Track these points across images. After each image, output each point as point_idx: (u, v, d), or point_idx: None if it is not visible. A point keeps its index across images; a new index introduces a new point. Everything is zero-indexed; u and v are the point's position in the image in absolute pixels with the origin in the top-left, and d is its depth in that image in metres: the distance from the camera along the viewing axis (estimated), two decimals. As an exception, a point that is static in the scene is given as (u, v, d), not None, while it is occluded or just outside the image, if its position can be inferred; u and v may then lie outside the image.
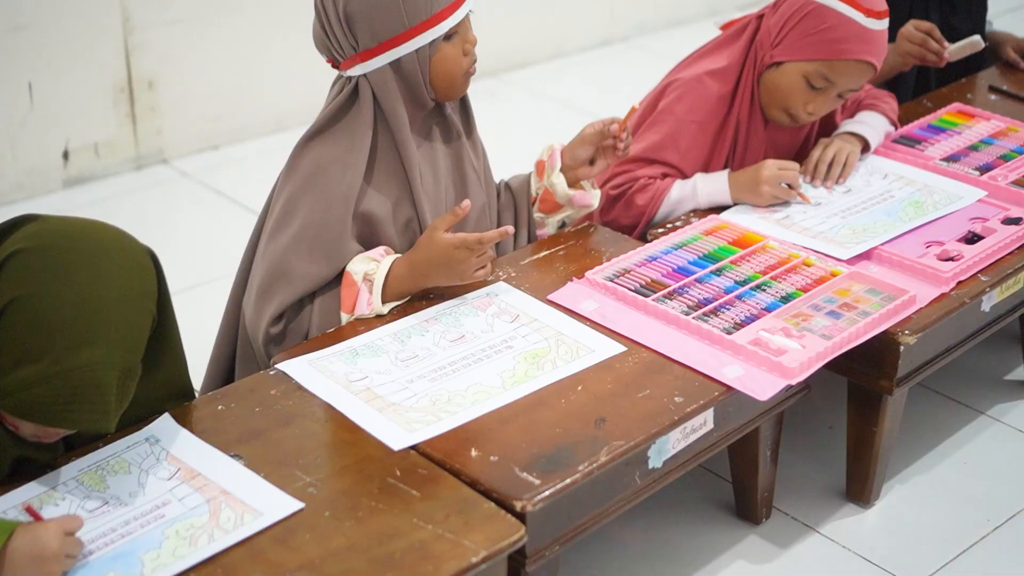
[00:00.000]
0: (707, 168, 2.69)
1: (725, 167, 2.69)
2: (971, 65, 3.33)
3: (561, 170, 2.43)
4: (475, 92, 2.38)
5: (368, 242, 2.24)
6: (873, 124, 2.81)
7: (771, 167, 2.59)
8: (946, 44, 3.07)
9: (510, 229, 2.21)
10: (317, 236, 2.20)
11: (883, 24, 2.58)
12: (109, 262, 1.74)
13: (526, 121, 4.41)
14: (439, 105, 2.31)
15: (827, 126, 2.82)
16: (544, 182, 2.45)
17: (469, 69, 2.26)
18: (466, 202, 2.17)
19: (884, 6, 2.59)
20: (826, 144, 2.73)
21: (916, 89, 3.26)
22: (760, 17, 2.69)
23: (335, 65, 2.26)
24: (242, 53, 4.18)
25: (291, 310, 2.22)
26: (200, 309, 3.19)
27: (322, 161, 2.22)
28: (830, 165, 2.70)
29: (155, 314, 1.83)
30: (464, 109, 2.38)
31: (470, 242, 2.17)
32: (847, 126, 2.79)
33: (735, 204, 2.62)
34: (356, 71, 2.22)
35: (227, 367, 2.37)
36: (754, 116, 2.69)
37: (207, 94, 4.15)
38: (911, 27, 3.08)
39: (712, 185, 2.62)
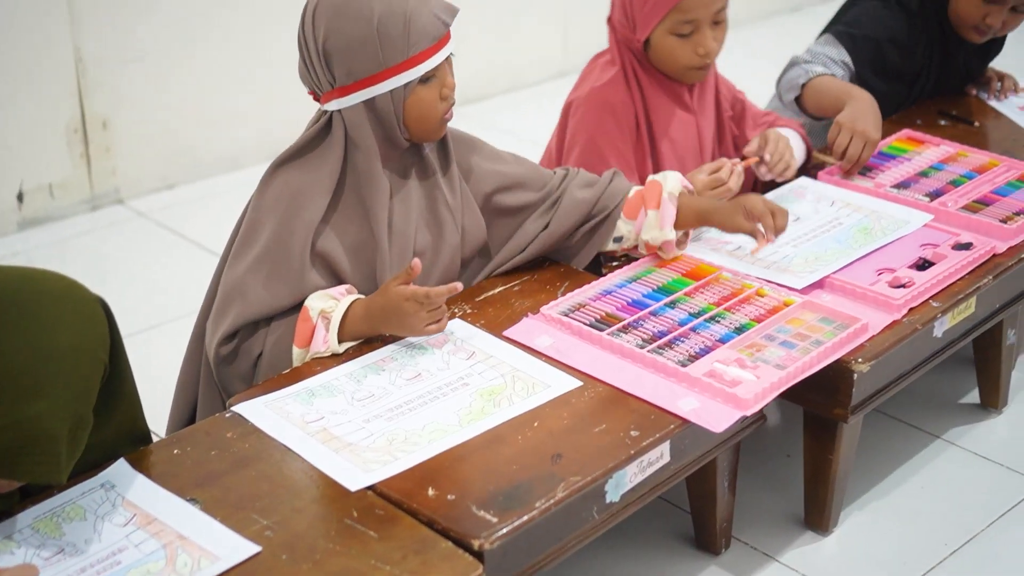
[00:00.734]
0: (638, 167, 2.74)
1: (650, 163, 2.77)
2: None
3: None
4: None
5: (326, 274, 2.25)
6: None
7: (704, 176, 2.66)
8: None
9: (458, 286, 2.20)
10: (276, 261, 2.21)
11: None
12: (58, 312, 1.73)
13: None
14: (416, 144, 2.32)
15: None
16: (642, 235, 2.47)
17: (445, 114, 2.27)
18: (416, 260, 2.16)
19: None
20: (768, 137, 2.82)
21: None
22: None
23: (316, 98, 2.28)
24: (197, 91, 4.17)
25: (244, 331, 2.22)
26: (158, 349, 3.20)
27: (289, 188, 2.24)
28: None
29: (106, 363, 1.82)
30: (443, 148, 2.38)
31: (419, 296, 2.17)
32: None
33: None
34: (332, 106, 2.23)
35: (192, 404, 2.37)
36: (655, 112, 2.76)
37: (162, 133, 4.14)
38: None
39: None
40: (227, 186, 4.19)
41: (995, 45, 3.38)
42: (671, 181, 2.47)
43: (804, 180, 2.89)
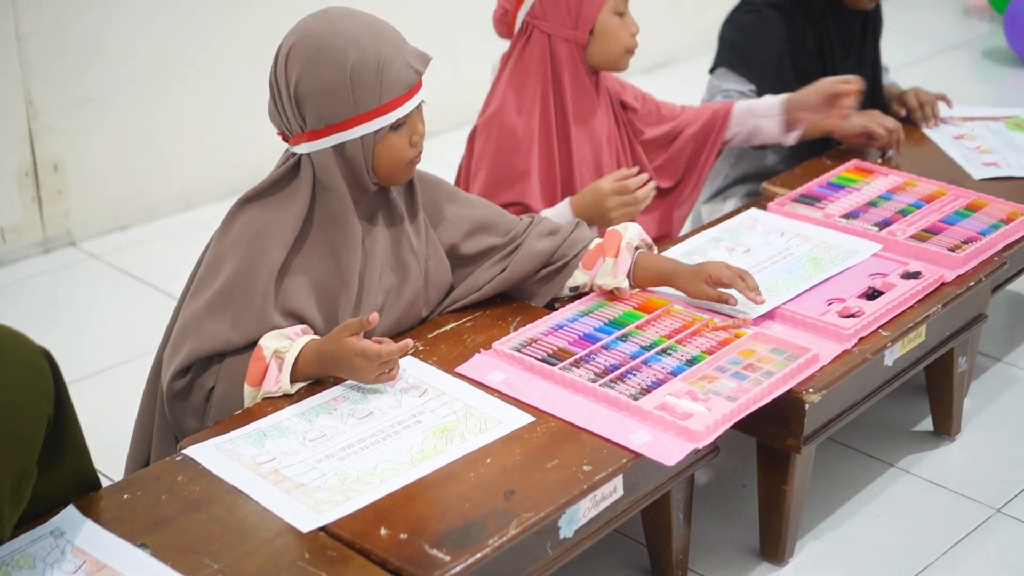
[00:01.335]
0: (563, 184, 2.81)
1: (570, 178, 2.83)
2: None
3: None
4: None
5: (286, 314, 2.24)
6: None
7: (607, 183, 2.69)
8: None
9: (410, 343, 2.21)
10: (235, 299, 2.20)
11: None
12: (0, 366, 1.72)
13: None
14: (383, 188, 2.32)
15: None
16: (596, 280, 2.50)
17: (414, 158, 2.28)
18: (374, 315, 2.14)
19: None
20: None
21: (813, 146, 3.32)
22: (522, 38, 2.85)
23: (285, 139, 2.28)
24: (148, 133, 4.16)
25: (197, 367, 2.21)
26: (112, 392, 3.18)
27: (253, 226, 2.24)
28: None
29: (50, 414, 1.81)
30: (410, 192, 2.38)
31: (370, 354, 2.16)
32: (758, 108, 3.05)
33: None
34: (301, 149, 2.24)
35: (150, 445, 2.35)
36: (576, 111, 2.82)
37: (114, 175, 4.12)
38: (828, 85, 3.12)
39: (554, 212, 2.72)
40: (180, 227, 4.17)
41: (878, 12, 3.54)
42: (630, 231, 2.50)
43: (754, 211, 2.91)
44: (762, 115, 3.05)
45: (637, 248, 2.50)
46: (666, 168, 3.04)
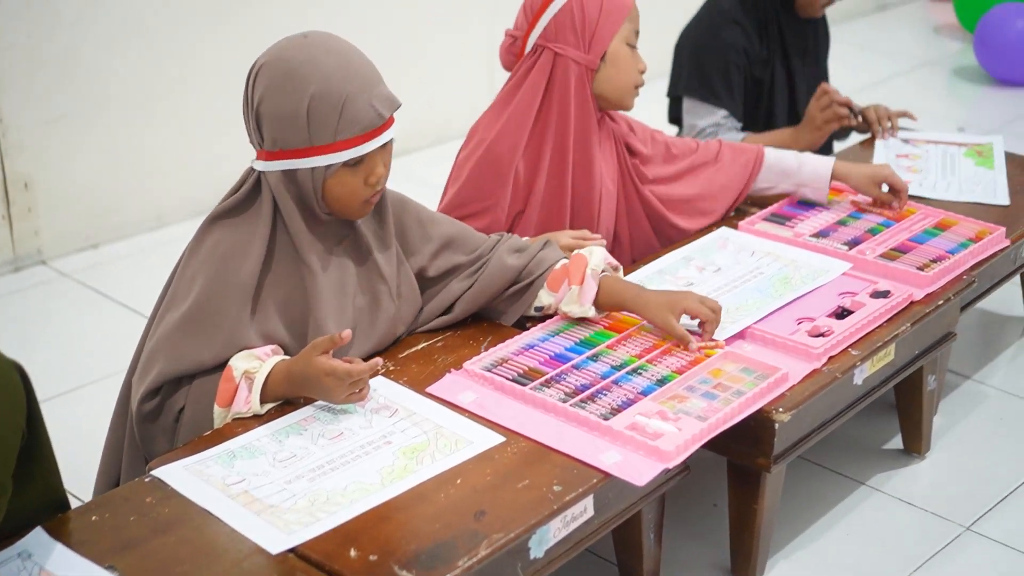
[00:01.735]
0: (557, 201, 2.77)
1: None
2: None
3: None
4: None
5: (257, 335, 2.23)
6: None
7: (565, 238, 2.63)
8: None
9: (379, 362, 2.20)
10: (205, 319, 2.19)
11: None
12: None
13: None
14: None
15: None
16: (562, 307, 2.49)
17: (370, 198, 2.25)
18: (346, 332, 2.15)
19: None
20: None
21: None
22: (531, 58, 2.78)
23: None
24: (118, 151, 4.15)
25: (167, 388, 2.21)
26: (83, 411, 3.17)
27: (222, 247, 2.23)
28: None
29: (24, 429, 1.80)
30: (380, 221, 2.36)
31: (339, 374, 2.15)
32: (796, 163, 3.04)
33: None
34: (259, 166, 2.23)
35: (120, 466, 2.34)
36: (578, 142, 2.77)
37: (85, 193, 4.11)
38: (814, 102, 3.27)
39: None
40: (151, 245, 4.16)
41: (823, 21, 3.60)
42: (596, 257, 2.48)
43: (725, 230, 2.92)
44: (807, 183, 3.02)
45: (603, 271, 2.50)
46: (694, 211, 2.99)
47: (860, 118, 3.49)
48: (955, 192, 3.16)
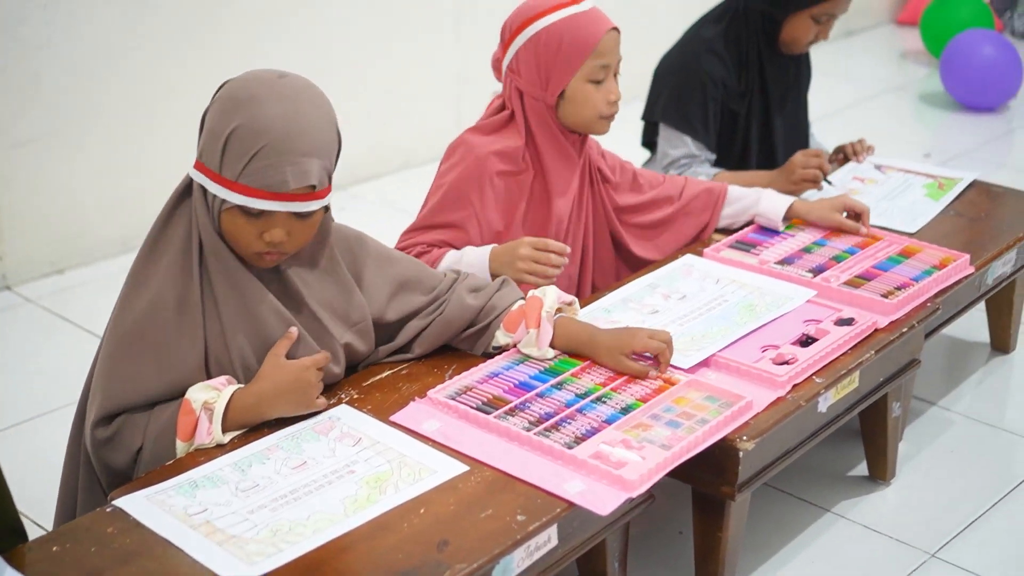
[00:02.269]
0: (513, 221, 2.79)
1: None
2: None
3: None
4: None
5: (197, 358, 2.21)
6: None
7: (527, 247, 2.64)
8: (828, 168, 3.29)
9: (327, 354, 2.24)
10: (144, 341, 2.18)
11: (587, 3, 2.75)
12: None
13: (376, 235, 4.42)
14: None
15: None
16: (521, 348, 2.48)
17: (262, 252, 2.19)
18: (293, 329, 2.16)
19: None
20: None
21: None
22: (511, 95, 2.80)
23: None
24: (84, 175, 4.14)
25: (124, 425, 2.19)
26: (47, 437, 3.14)
27: (156, 272, 2.21)
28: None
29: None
30: (320, 243, 2.32)
31: (320, 361, 2.20)
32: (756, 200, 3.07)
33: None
34: (191, 171, 2.21)
35: (76, 496, 2.32)
36: (551, 173, 2.79)
37: (50, 218, 4.09)
38: (801, 156, 3.24)
39: (475, 256, 2.69)
40: (117, 270, 4.14)
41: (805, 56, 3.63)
42: (549, 298, 2.48)
43: (690, 258, 2.93)
44: (764, 214, 3.06)
45: (559, 310, 2.50)
46: (656, 243, 3.03)
47: (839, 160, 3.53)
48: (874, 217, 3.16)
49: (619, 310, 2.67)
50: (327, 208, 2.26)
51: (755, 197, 3.06)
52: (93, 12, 4.01)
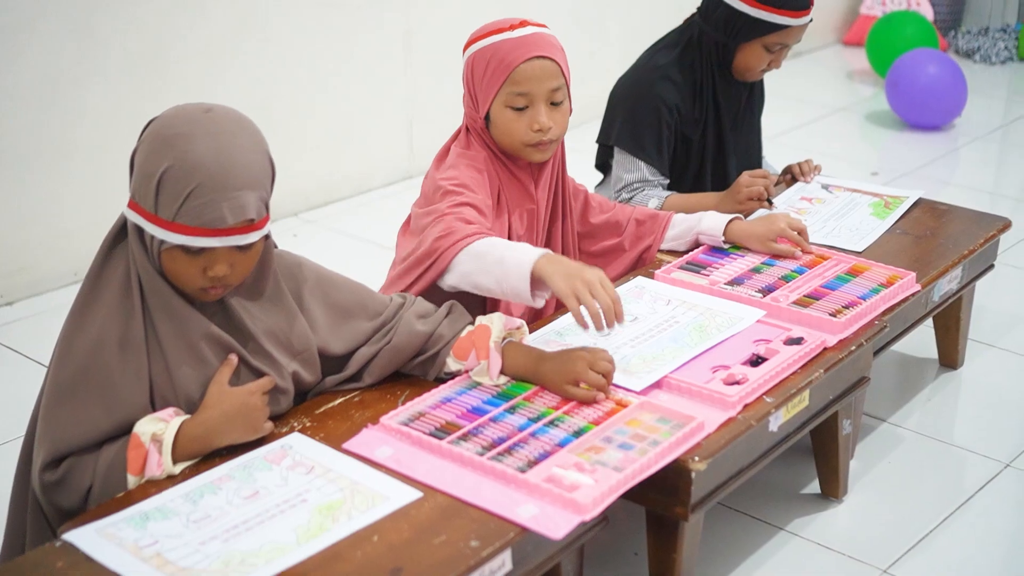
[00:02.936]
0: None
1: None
2: None
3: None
4: (276, 233, 2.38)
5: (143, 393, 2.20)
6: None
7: (596, 273, 2.47)
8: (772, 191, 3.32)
9: (271, 379, 2.25)
10: (88, 381, 2.17)
11: (528, 29, 2.74)
12: None
13: (330, 261, 4.41)
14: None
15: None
16: (473, 376, 2.48)
17: (207, 287, 2.18)
18: (232, 356, 2.16)
19: (521, 19, 2.77)
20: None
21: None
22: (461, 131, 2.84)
23: None
24: (33, 206, 4.11)
25: (73, 459, 2.17)
26: (-4, 472, 3.11)
27: (95, 306, 2.20)
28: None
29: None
30: (264, 271, 2.31)
31: (264, 385, 2.21)
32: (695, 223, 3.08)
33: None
34: (126, 211, 2.19)
35: (24, 532, 2.30)
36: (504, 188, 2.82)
37: (0, 249, 4.07)
38: (747, 176, 3.27)
39: (518, 253, 2.50)
40: (66, 301, 4.07)
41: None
42: (496, 326, 2.47)
43: (641, 280, 2.94)
44: (705, 232, 3.08)
45: (506, 338, 2.50)
46: (602, 260, 3.08)
47: (787, 180, 3.56)
48: (821, 236, 3.20)
49: (572, 333, 2.68)
50: (267, 235, 2.26)
51: (697, 217, 3.10)
52: (38, 44, 3.99)
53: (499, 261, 2.49)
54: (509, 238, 2.81)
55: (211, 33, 4.43)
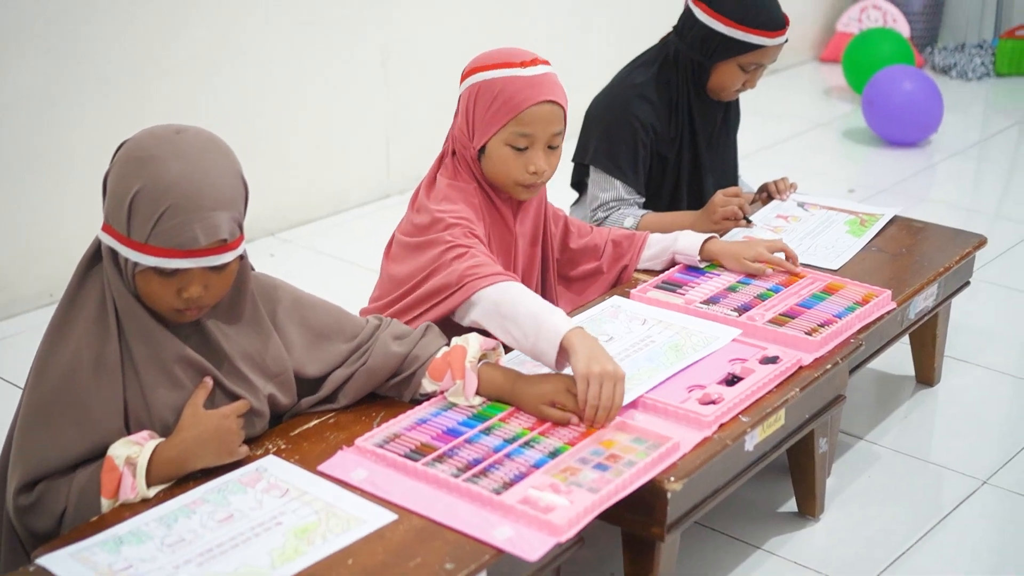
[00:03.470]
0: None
1: None
2: None
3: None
4: (253, 252, 2.37)
5: (117, 417, 2.19)
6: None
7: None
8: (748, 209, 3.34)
9: (247, 402, 2.25)
10: (62, 404, 2.16)
11: (538, 69, 2.73)
12: None
13: (307, 280, 4.40)
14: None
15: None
16: (449, 397, 2.47)
17: (183, 309, 2.18)
18: (208, 379, 2.16)
19: (531, 55, 2.76)
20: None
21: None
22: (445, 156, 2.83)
23: None
24: (9, 227, 4.10)
25: (47, 483, 2.16)
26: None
27: (72, 330, 2.20)
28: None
29: None
30: (240, 292, 2.31)
31: (239, 408, 2.20)
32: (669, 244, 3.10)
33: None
34: (100, 234, 2.19)
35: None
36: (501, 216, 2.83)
37: (-26, 270, 4.06)
38: (721, 195, 3.27)
39: (553, 321, 2.47)
40: (42, 323, 4.05)
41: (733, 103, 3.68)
42: (472, 346, 2.47)
43: (616, 299, 2.95)
44: (681, 252, 3.10)
45: (482, 357, 2.50)
46: (584, 295, 3.09)
47: (763, 198, 3.57)
48: (797, 254, 3.18)
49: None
50: (243, 256, 2.26)
51: (673, 237, 3.10)
52: (14, 62, 3.98)
53: (533, 316, 2.47)
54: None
55: (189, 53, 4.43)
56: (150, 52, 4.32)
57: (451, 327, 2.62)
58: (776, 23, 3.35)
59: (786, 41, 3.40)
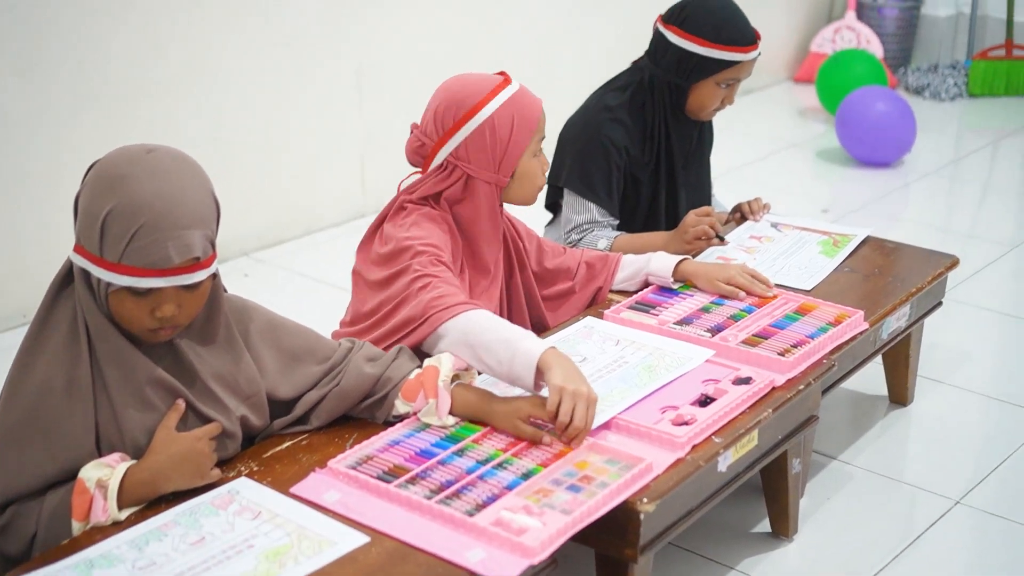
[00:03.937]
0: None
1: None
2: None
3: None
4: (227, 272, 2.36)
5: (88, 439, 2.19)
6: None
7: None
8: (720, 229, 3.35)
9: (219, 424, 2.25)
10: (33, 427, 2.15)
11: (514, 80, 2.81)
12: None
13: (282, 300, 4.39)
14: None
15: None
16: (422, 417, 2.46)
17: (156, 328, 2.18)
18: (180, 401, 2.15)
19: (497, 74, 2.81)
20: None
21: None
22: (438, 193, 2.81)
23: None
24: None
25: (18, 506, 2.15)
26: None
27: (43, 351, 2.19)
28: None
29: None
30: (214, 312, 2.30)
31: (211, 431, 2.20)
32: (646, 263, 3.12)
33: None
34: (72, 255, 2.18)
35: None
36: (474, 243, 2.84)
37: (-53, 290, 4.04)
38: (693, 215, 3.29)
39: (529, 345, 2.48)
40: (14, 344, 4.02)
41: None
42: (445, 366, 2.48)
43: (590, 320, 2.95)
44: (654, 273, 3.12)
45: (455, 378, 2.51)
46: (555, 315, 3.09)
47: (736, 219, 3.58)
48: (770, 275, 3.19)
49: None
50: (216, 275, 2.25)
51: (646, 259, 3.12)
52: (-12, 82, 3.98)
53: (505, 341, 2.47)
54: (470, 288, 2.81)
55: (164, 73, 4.42)
56: (124, 72, 4.31)
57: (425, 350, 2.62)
58: (748, 38, 3.37)
59: (759, 54, 3.41)
